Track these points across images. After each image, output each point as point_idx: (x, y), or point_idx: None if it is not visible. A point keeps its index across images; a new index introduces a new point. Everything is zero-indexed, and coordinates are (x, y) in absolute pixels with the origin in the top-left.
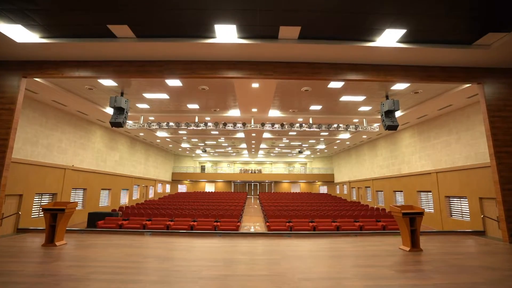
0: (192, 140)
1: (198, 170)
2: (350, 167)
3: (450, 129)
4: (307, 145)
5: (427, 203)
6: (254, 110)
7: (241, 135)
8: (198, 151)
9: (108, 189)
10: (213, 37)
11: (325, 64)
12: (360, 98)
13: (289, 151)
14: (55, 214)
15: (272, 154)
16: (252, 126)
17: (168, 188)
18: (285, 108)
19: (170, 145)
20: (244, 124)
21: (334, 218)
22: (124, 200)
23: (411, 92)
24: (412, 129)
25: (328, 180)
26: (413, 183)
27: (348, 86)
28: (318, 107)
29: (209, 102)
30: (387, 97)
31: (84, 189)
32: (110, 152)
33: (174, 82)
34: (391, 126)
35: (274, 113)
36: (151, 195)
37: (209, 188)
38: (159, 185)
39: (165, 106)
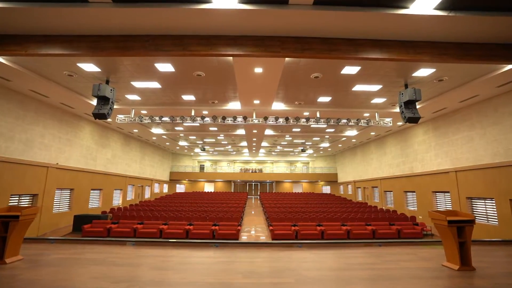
0: (190, 137)
1: (197, 170)
2: (355, 166)
3: (472, 123)
4: (310, 143)
5: (444, 205)
6: (256, 102)
7: (241, 131)
8: (197, 150)
9: (99, 189)
10: (208, 1)
11: (343, 40)
12: (375, 87)
13: (291, 149)
14: (7, 223)
15: (273, 153)
16: (254, 120)
17: (165, 188)
18: (290, 100)
19: (167, 143)
20: (245, 118)
21: (343, 221)
22: (117, 201)
23: (435, 80)
24: (427, 124)
25: (331, 180)
26: (427, 183)
27: (364, 73)
28: (327, 99)
29: (206, 93)
30: (406, 86)
31: (71, 190)
32: (101, 150)
33: (165, 67)
34: (412, 119)
35: (278, 106)
36: (147, 195)
37: (209, 188)
38: (156, 185)
39: (158, 98)
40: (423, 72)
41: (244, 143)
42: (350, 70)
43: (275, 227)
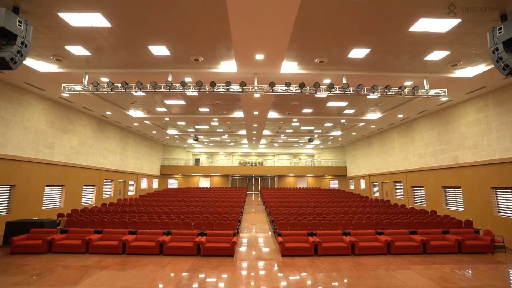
0: (179, 123)
1: (191, 163)
2: (370, 158)
3: None
4: (320, 131)
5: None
6: (260, 57)
7: (239, 114)
8: (190, 141)
9: (60, 186)
10: None
11: None
12: (449, 23)
13: (296, 139)
14: None
15: (275, 144)
16: (256, 88)
17: (155, 184)
18: (307, 58)
19: (154, 131)
20: (243, 85)
21: (376, 228)
22: (90, 199)
23: None
24: (484, 98)
25: (340, 173)
26: (482, 176)
27: None
28: (364, 52)
29: (184, 40)
30: (503, 18)
31: (11, 186)
32: (62, 136)
33: None
34: None
35: (289, 67)
36: (131, 192)
37: (204, 183)
38: (143, 180)
39: (117, 53)
40: None
41: (243, 132)
42: None
43: (285, 237)
